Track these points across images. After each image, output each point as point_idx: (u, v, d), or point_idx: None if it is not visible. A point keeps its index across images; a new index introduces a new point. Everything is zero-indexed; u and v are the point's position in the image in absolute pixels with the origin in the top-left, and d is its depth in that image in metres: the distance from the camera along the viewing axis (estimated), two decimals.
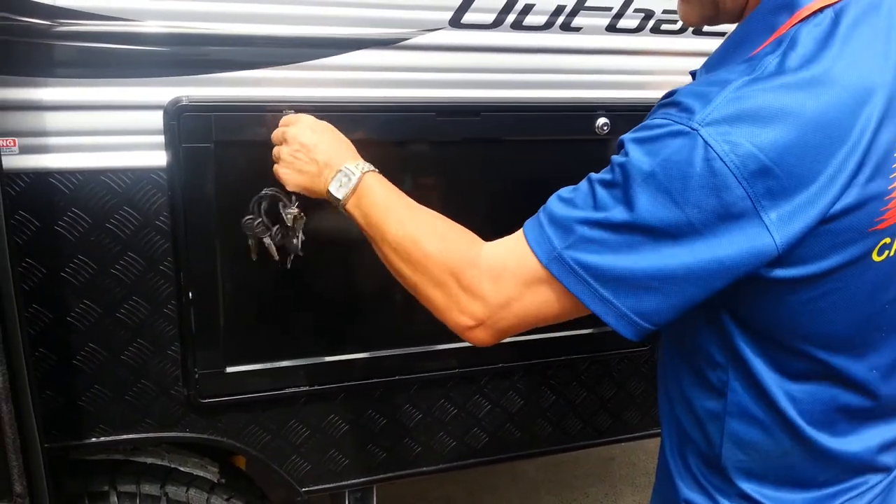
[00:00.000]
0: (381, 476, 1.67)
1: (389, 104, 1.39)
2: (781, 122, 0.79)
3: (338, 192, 1.10)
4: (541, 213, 0.94)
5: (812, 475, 0.98)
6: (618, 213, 0.85)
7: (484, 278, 0.94)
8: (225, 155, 1.32)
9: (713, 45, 1.54)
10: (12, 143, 1.22)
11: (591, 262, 0.86)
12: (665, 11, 1.49)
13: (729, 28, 1.01)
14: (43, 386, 1.33)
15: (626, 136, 0.89)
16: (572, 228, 0.88)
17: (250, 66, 1.30)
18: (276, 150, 1.21)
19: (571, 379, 1.76)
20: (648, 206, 0.83)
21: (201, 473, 1.63)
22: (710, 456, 1.01)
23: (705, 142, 0.80)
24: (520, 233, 0.95)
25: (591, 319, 1.25)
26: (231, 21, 1.26)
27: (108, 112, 1.26)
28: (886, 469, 1.00)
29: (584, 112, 1.51)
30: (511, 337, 0.97)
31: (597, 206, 0.87)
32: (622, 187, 0.85)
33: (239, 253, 1.37)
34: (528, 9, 1.40)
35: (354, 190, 1.09)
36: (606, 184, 0.87)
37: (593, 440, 1.86)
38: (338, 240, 1.46)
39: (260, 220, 1.32)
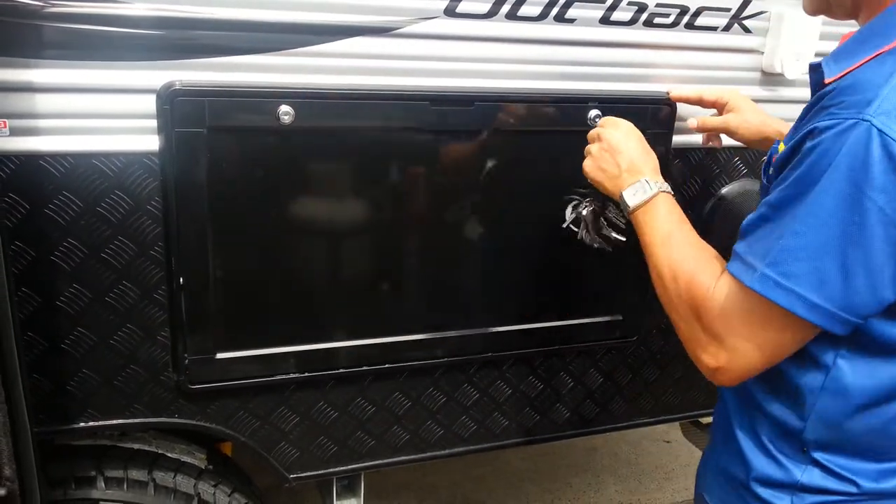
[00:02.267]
0: (369, 464, 1.68)
1: (383, 92, 1.39)
2: None
3: (630, 199, 1.19)
4: (739, 249, 0.97)
5: (888, 449, 1.02)
6: (811, 221, 0.88)
7: (716, 322, 0.97)
8: (217, 140, 1.31)
9: (705, 39, 1.56)
10: (3, 125, 1.21)
11: (799, 272, 0.89)
12: (658, 5, 1.50)
13: None
14: (32, 370, 1.32)
15: (793, 144, 0.93)
16: (772, 249, 0.91)
17: (244, 52, 1.29)
18: (588, 146, 1.31)
19: (559, 369, 1.78)
20: (834, 201, 0.86)
21: (189, 460, 1.63)
22: (791, 430, 1.03)
23: (879, 130, 0.83)
24: (727, 276, 0.98)
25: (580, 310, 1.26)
26: (226, 5, 1.25)
27: (101, 95, 1.24)
28: None
29: (577, 103, 1.52)
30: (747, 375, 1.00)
31: (789, 220, 0.90)
32: (805, 194, 0.88)
33: (230, 239, 1.37)
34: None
35: (645, 203, 1.16)
36: (790, 199, 0.90)
37: (579, 430, 1.87)
38: (328, 230, 1.47)
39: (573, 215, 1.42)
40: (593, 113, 1.51)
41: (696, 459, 3.39)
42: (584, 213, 1.43)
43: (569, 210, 1.46)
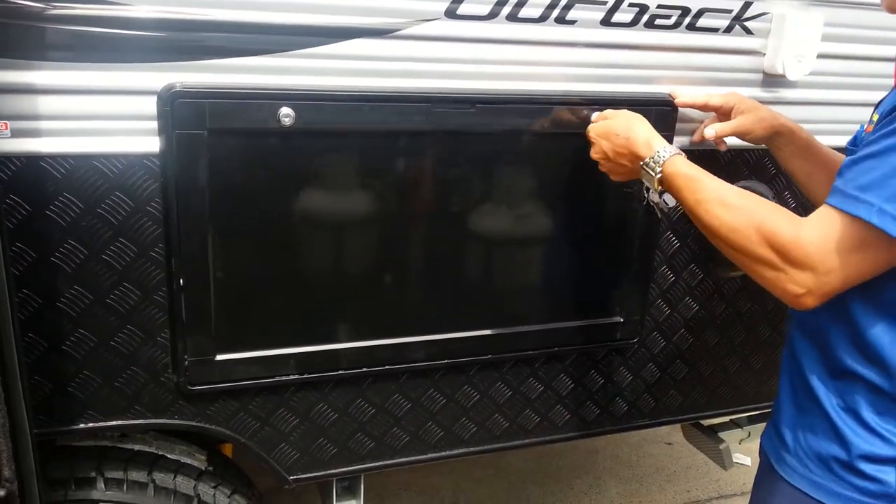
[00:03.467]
0: (369, 465, 1.68)
1: (384, 94, 1.39)
2: None
3: (649, 182, 1.29)
4: (843, 186, 1.04)
5: None
6: None
7: (811, 252, 1.04)
8: (218, 142, 1.31)
9: (706, 40, 1.56)
10: (4, 127, 1.21)
11: None
12: (659, 6, 1.50)
13: None
14: (32, 371, 1.33)
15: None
16: (883, 183, 0.98)
17: (245, 54, 1.29)
18: (595, 146, 1.41)
19: (559, 371, 1.78)
20: None
21: (189, 461, 1.63)
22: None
23: None
24: (828, 209, 1.05)
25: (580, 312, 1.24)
26: (226, 7, 1.25)
27: (101, 97, 1.25)
28: None
29: (578, 105, 1.51)
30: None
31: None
32: None
33: (230, 240, 1.37)
34: (522, 1, 1.40)
35: (662, 176, 1.26)
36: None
37: (580, 432, 1.87)
38: (329, 233, 1.47)
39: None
40: (595, 115, 1.50)
41: (697, 462, 3.40)
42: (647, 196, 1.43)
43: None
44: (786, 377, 1.28)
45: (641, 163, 1.30)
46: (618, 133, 1.36)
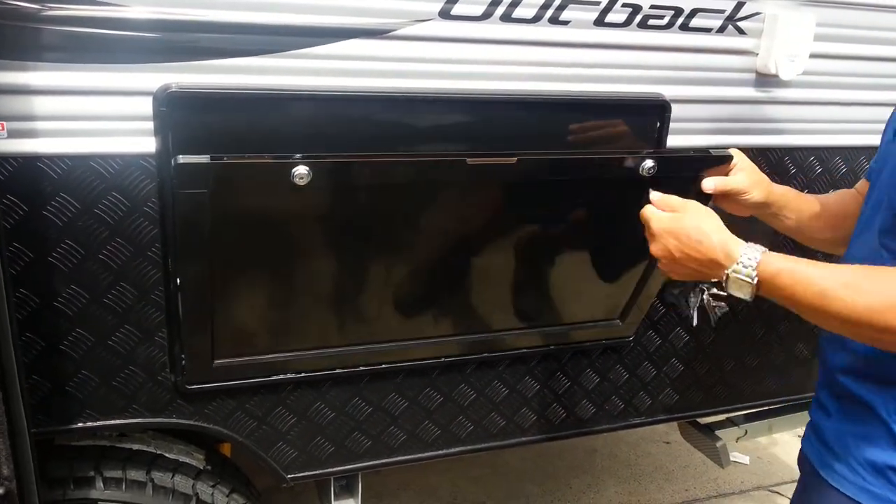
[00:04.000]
0: (367, 464, 1.69)
1: (378, 94, 1.39)
2: None
3: (741, 290, 1.12)
4: None
5: None
6: None
7: None
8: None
9: (699, 40, 1.57)
10: (1, 128, 1.21)
11: None
12: (652, 7, 1.51)
13: None
14: (30, 371, 1.33)
15: None
16: None
17: (240, 54, 1.30)
18: (659, 243, 1.22)
19: (555, 369, 1.79)
20: None
21: (187, 460, 1.64)
22: None
23: None
24: None
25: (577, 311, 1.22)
26: (221, 8, 1.26)
27: (97, 97, 1.25)
28: None
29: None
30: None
31: None
32: None
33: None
34: (516, 2, 1.41)
35: (766, 273, 1.09)
36: None
37: (576, 430, 1.88)
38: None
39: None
40: (649, 163, 1.44)
41: (695, 461, 3.41)
42: (704, 299, 1.37)
43: (690, 305, 1.42)
44: (823, 381, 1.24)
45: (728, 271, 1.13)
46: (689, 234, 1.18)
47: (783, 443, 3.34)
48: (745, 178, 1.41)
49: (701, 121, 1.64)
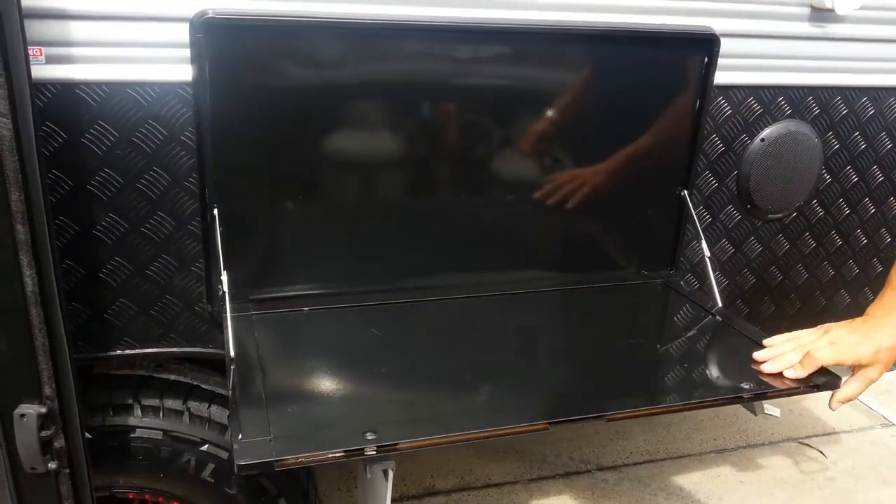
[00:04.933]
0: None
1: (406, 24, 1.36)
2: None
3: None
4: None
5: None
6: None
7: None
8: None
9: None
10: (39, 53, 1.21)
11: None
12: None
13: None
14: (70, 298, 1.35)
15: None
16: None
17: None
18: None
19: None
20: None
21: (223, 392, 1.66)
22: None
23: None
24: None
25: None
26: None
27: (135, 23, 1.24)
28: None
29: None
30: None
31: None
32: None
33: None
34: None
35: None
36: None
37: None
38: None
39: None
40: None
41: (725, 412, 3.39)
42: None
43: None
44: None
45: None
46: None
47: (815, 397, 3.31)
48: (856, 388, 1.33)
49: (750, 57, 1.57)
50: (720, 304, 1.61)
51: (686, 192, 1.67)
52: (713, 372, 1.41)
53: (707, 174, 1.69)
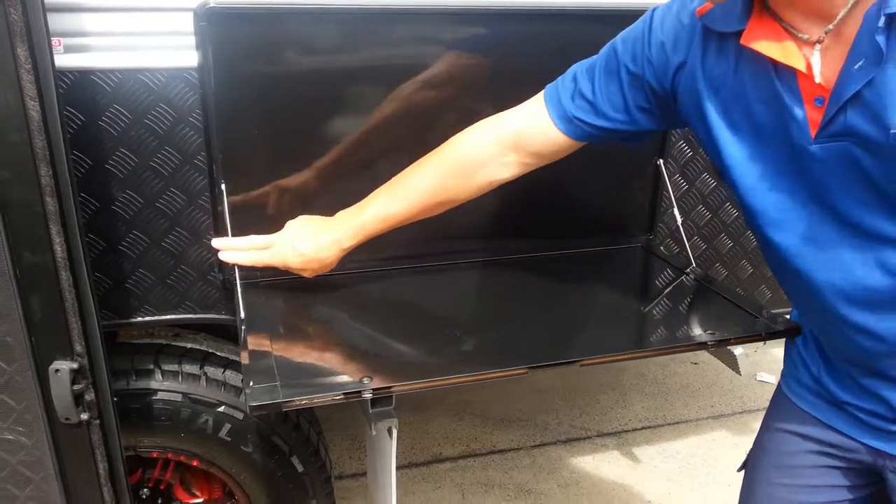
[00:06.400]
0: None
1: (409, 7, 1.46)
2: None
3: None
4: None
5: None
6: None
7: None
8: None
9: None
10: (58, 43, 1.33)
11: None
12: None
13: None
14: (93, 268, 1.47)
15: None
16: None
17: None
18: None
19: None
20: None
21: (237, 358, 1.78)
22: None
23: None
24: None
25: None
26: None
27: (143, 14, 1.36)
28: None
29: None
30: None
31: None
32: None
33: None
34: None
35: None
36: None
37: None
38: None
39: None
40: None
41: (722, 380, 3.48)
42: None
43: None
44: None
45: None
46: None
47: None
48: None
49: None
50: (694, 265, 1.72)
51: (662, 161, 1.78)
52: (683, 324, 1.52)
53: (681, 144, 1.79)
